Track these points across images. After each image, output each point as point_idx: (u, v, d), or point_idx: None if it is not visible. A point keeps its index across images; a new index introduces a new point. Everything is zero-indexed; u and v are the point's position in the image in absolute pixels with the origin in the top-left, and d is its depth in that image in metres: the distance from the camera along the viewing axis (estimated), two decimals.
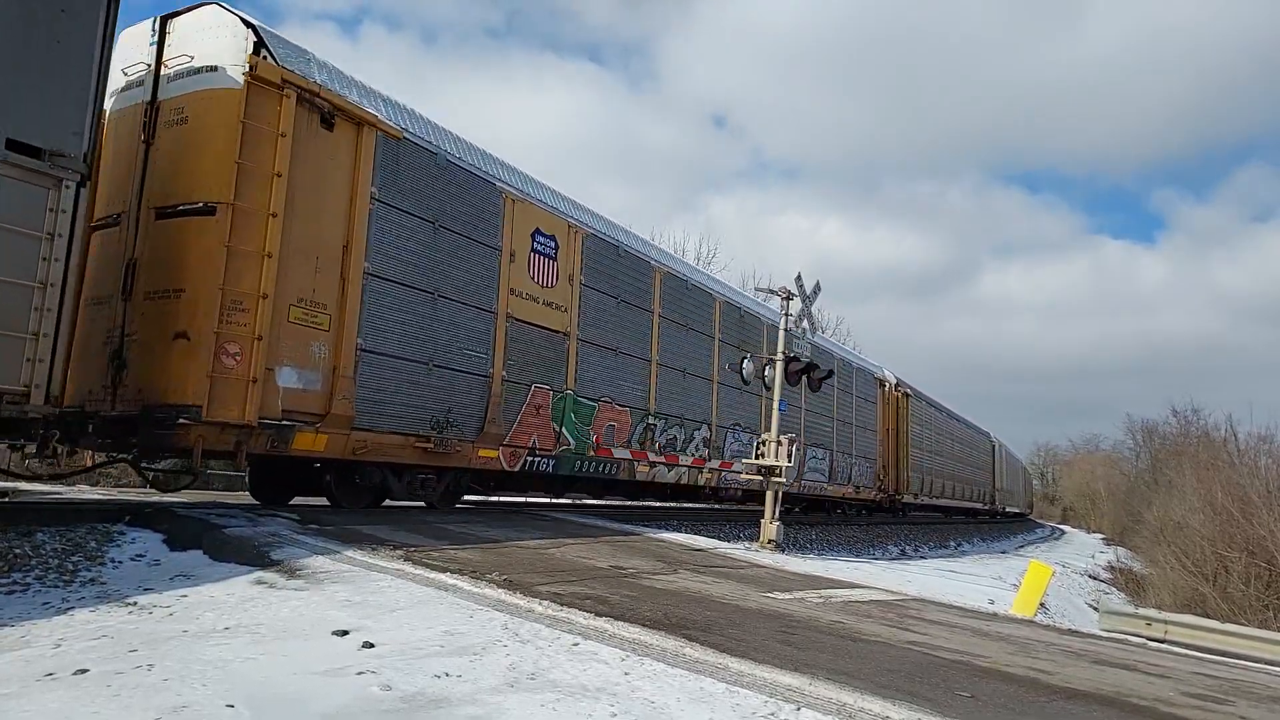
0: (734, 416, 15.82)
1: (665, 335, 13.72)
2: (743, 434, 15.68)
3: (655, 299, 13.47)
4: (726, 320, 15.79)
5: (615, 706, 3.44)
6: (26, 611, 4.53)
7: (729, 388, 15.59)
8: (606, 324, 12.33)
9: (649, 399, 13.26)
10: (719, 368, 15.22)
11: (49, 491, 8.98)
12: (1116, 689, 4.82)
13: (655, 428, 13.42)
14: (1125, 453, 70.57)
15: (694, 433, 14.56)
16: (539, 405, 10.89)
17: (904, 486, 24.91)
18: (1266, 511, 20.30)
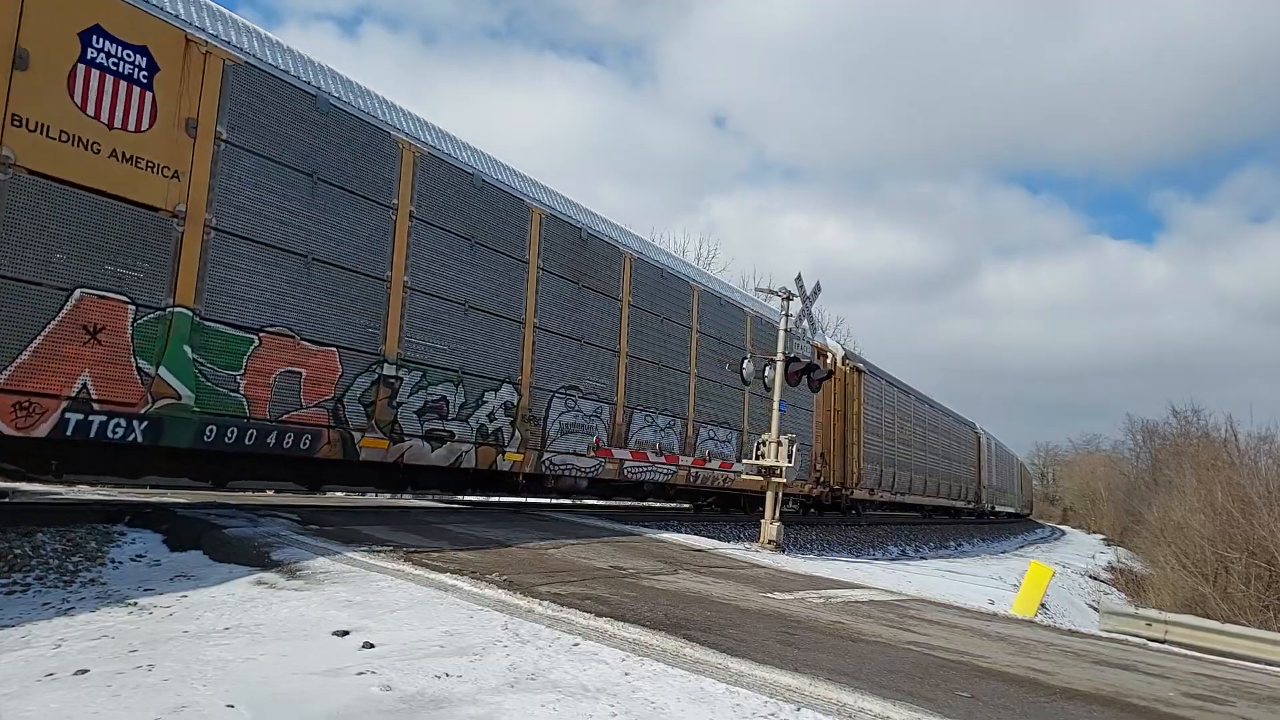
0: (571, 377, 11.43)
1: None
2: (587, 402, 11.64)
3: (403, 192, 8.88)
4: None
5: (615, 707, 3.44)
6: (27, 612, 4.53)
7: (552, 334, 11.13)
8: (271, 209, 7.50)
9: (383, 337, 8.49)
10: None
11: (49, 492, 8.97)
12: (1116, 689, 4.82)
13: (400, 382, 8.64)
14: (1125, 453, 70.63)
15: (484, 394, 9.78)
16: (97, 326, 6.28)
17: (853, 480, 20.96)
18: (1267, 512, 20.31)
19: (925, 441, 28.50)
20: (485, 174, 9.96)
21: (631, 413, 12.55)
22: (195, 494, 9.63)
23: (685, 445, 13.83)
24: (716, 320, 15.05)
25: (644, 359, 12.91)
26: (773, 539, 11.54)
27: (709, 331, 14.72)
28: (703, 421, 14.53)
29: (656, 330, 13.26)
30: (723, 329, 15.25)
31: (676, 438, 13.65)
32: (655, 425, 13.13)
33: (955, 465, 32.97)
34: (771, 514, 11.81)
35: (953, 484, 32.13)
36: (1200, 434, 41.51)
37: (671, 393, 13.65)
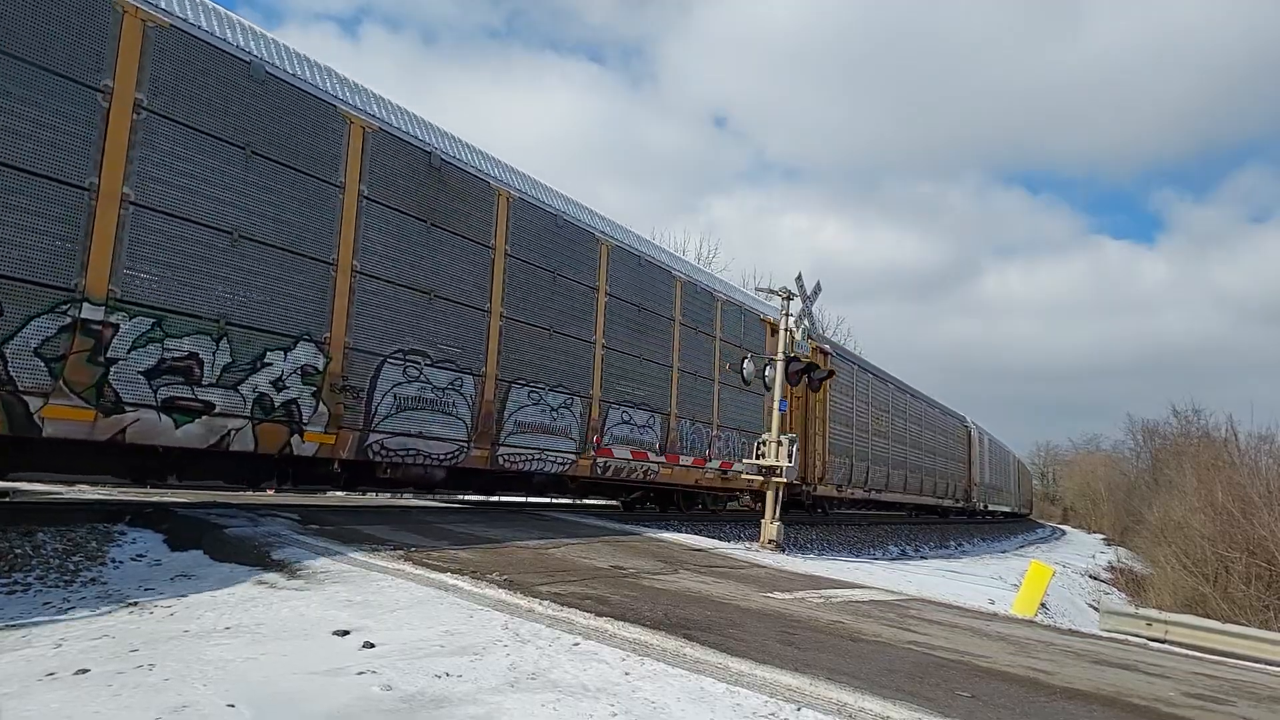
0: None
1: None
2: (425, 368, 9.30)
3: None
4: None
5: (616, 706, 3.45)
6: (27, 611, 4.53)
7: None
8: None
9: (82, 267, 6.30)
10: None
11: (49, 491, 8.98)
12: (1117, 689, 4.83)
13: (114, 330, 6.50)
14: (1126, 453, 70.70)
15: (267, 354, 7.60)
16: None
17: (816, 475, 18.85)
18: (1267, 512, 20.31)
19: (907, 435, 26.43)
20: (272, 64, 7.76)
21: (509, 388, 10.19)
22: (196, 494, 9.64)
23: (589, 429, 11.61)
24: (640, 286, 12.86)
25: (530, 324, 10.61)
26: (773, 539, 11.55)
27: (626, 297, 12.49)
28: (613, 402, 12.17)
29: (548, 289, 10.94)
30: (649, 296, 13.02)
31: (576, 420, 11.36)
32: (545, 404, 10.83)
33: (942, 461, 30.87)
34: (771, 514, 11.82)
35: (939, 481, 30.04)
36: (1201, 434, 41.55)
37: (569, 367, 11.32)
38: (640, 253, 13.16)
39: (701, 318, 14.72)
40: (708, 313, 14.93)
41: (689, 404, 14.20)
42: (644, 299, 13.02)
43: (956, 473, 33.23)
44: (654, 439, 13.16)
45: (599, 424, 11.89)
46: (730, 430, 15.58)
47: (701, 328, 14.68)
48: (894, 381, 26.36)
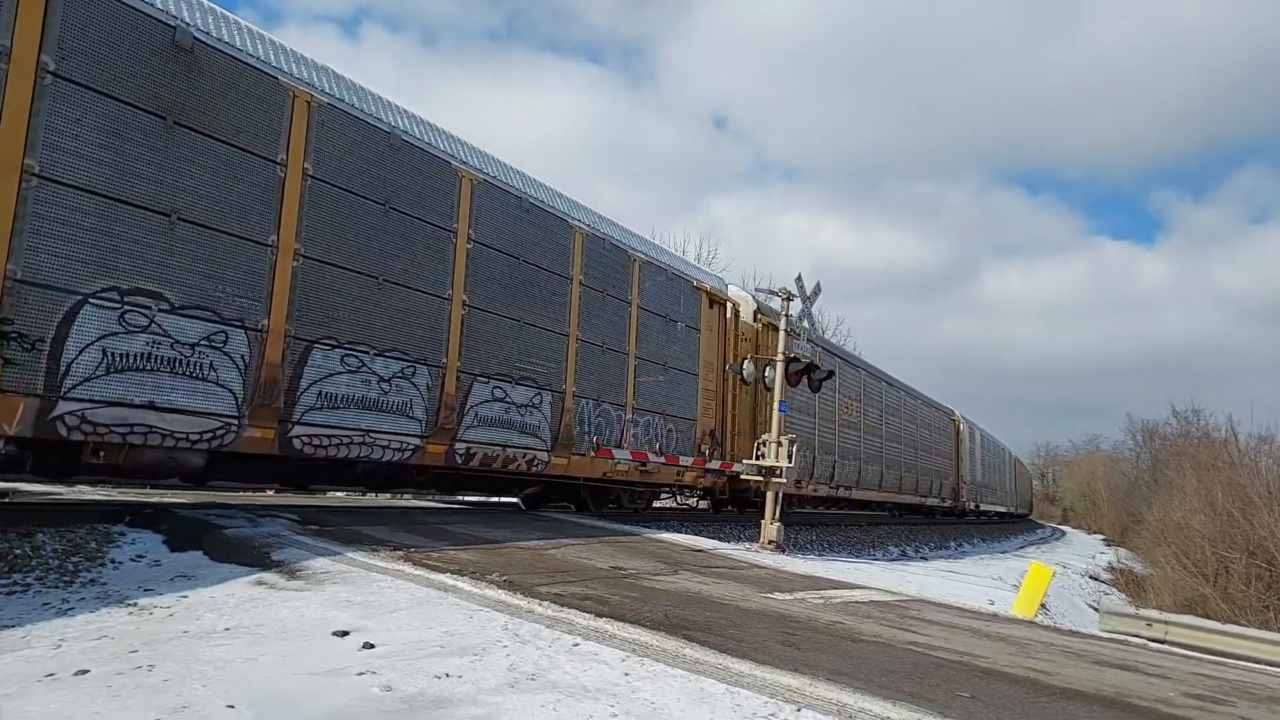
0: None
1: None
2: None
3: None
4: None
5: (615, 707, 3.44)
6: (27, 612, 4.53)
7: None
8: None
9: None
10: None
11: (49, 492, 8.98)
12: (1117, 690, 4.82)
13: None
14: (1126, 453, 70.72)
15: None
16: None
17: None
18: (1267, 512, 20.31)
19: (883, 427, 23.88)
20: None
21: (309, 349, 7.84)
22: (196, 494, 9.64)
23: (441, 407, 9.20)
24: (522, 235, 10.48)
25: (346, 268, 8.17)
26: (773, 539, 11.55)
27: (501, 247, 10.10)
28: (480, 374, 9.69)
29: (375, 228, 8.50)
30: (535, 248, 10.69)
31: (421, 394, 8.96)
32: (370, 373, 8.37)
33: (926, 456, 28.38)
34: (771, 514, 11.82)
35: (922, 478, 27.54)
36: (1200, 434, 41.58)
37: (411, 327, 8.86)
38: (524, 194, 10.60)
39: (612, 280, 12.31)
40: (621, 274, 12.53)
41: (593, 381, 11.78)
42: (528, 251, 10.57)
43: (943, 470, 30.74)
44: (541, 421, 10.75)
45: (457, 401, 9.43)
46: (652, 415, 13.11)
47: (613, 291, 12.25)
48: (867, 368, 23.86)
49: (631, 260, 12.91)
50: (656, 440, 13.35)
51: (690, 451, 14.11)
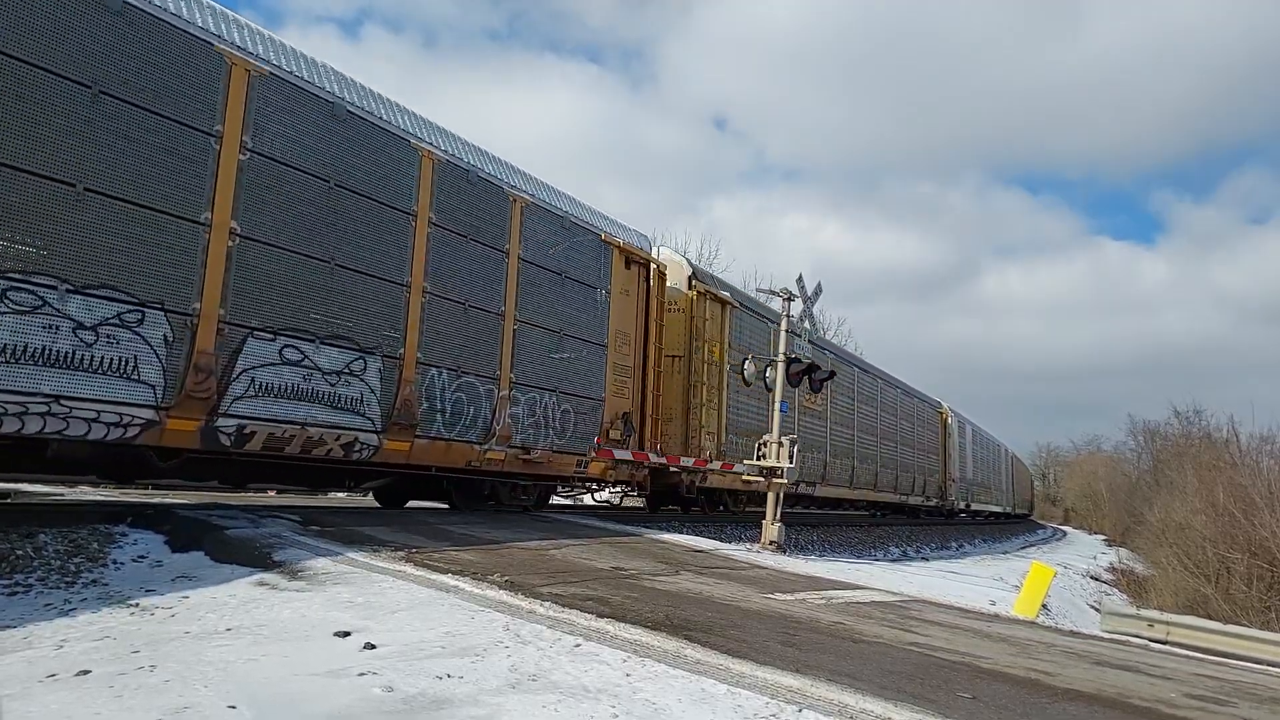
0: None
1: None
2: None
3: None
4: None
5: (617, 708, 3.44)
6: (28, 613, 4.54)
7: None
8: None
9: None
10: None
11: (51, 493, 8.99)
12: (1118, 690, 4.82)
13: None
14: (1127, 453, 70.68)
15: None
16: None
17: (707, 460, 14.02)
18: (1269, 512, 20.30)
19: (855, 417, 21.68)
20: None
21: None
22: (197, 495, 9.65)
23: (189, 367, 7.00)
24: (336, 151, 8.23)
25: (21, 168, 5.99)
26: (774, 540, 11.55)
27: (296, 162, 7.87)
28: (255, 328, 7.48)
29: (80, 118, 6.33)
30: (357, 171, 8.43)
31: (153, 353, 6.81)
32: (60, 318, 6.17)
33: (907, 451, 26.15)
34: (772, 515, 11.82)
35: (902, 475, 25.31)
36: (1202, 434, 41.56)
37: (135, 259, 6.63)
38: (337, 99, 8.35)
39: (481, 222, 9.98)
40: (495, 216, 10.17)
41: (449, 347, 9.40)
42: (345, 173, 8.31)
43: (927, 466, 28.47)
44: (365, 394, 8.48)
45: (218, 362, 7.22)
46: (539, 392, 10.79)
47: (479, 236, 9.90)
48: (837, 352, 21.10)
49: (511, 201, 10.37)
50: (546, 423, 10.97)
51: (595, 437, 11.72)
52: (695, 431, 14.22)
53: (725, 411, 15.03)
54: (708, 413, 14.57)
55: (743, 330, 15.98)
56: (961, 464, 32.81)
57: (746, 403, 15.95)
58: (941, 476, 30.27)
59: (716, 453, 14.49)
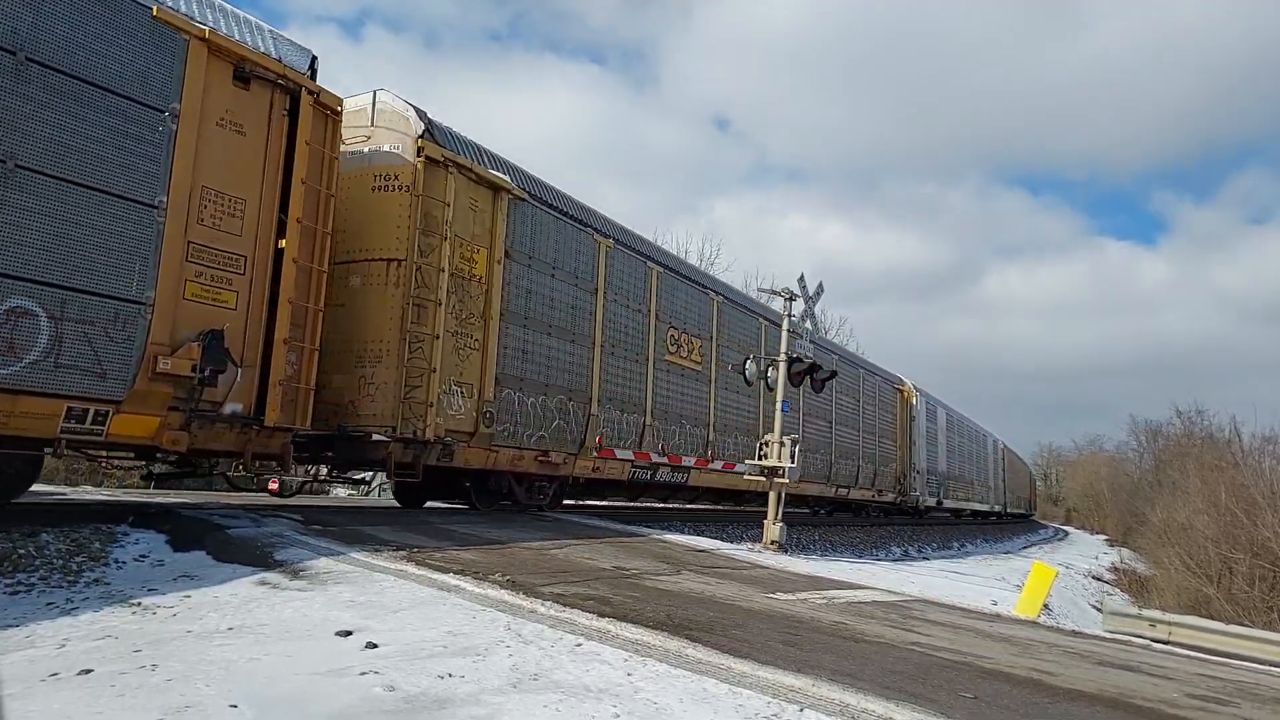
0: None
1: None
2: None
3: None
4: None
5: (618, 707, 3.44)
6: (31, 612, 4.54)
7: None
8: None
9: None
10: None
11: (53, 492, 9.00)
12: (1120, 690, 4.82)
13: None
14: (1129, 453, 70.51)
15: None
16: None
17: (477, 421, 9.97)
18: (1271, 513, 20.27)
19: None
20: None
21: None
22: (199, 495, 9.65)
23: None
24: None
25: None
26: (775, 539, 11.55)
27: None
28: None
29: None
30: None
31: None
32: None
33: (847, 434, 21.36)
34: (774, 515, 11.82)
35: (839, 462, 20.72)
36: (1204, 434, 41.51)
37: None
38: None
39: None
40: None
41: None
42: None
43: (880, 453, 23.83)
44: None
45: None
46: None
47: None
48: (727, 293, 16.48)
49: None
50: None
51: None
52: (420, 379, 9.16)
53: (498, 355, 10.27)
54: (455, 354, 9.62)
55: (562, 245, 11.58)
56: (930, 453, 28.02)
57: (568, 350, 11.74)
58: (900, 466, 25.43)
59: (477, 416, 9.86)
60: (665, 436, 13.75)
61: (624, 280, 13.02)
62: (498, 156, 10.87)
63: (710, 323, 15.41)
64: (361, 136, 9.50)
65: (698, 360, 14.92)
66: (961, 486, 32.64)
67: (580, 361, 11.90)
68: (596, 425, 12.09)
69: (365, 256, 9.36)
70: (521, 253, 10.89)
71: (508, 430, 10.47)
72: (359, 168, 9.41)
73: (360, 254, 9.35)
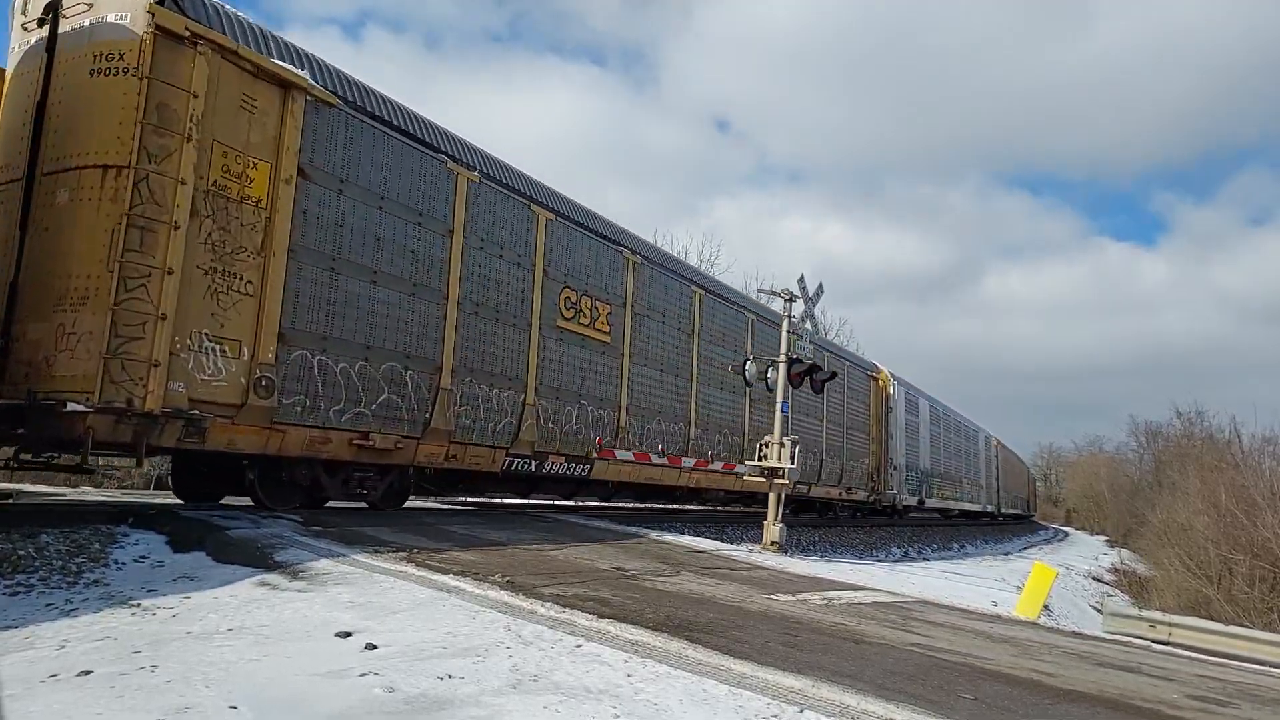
0: None
1: None
2: None
3: None
4: None
5: (618, 708, 3.44)
6: (30, 613, 4.54)
7: None
8: None
9: None
10: None
11: (53, 493, 8.99)
12: (1120, 691, 4.81)
13: None
14: (1129, 454, 70.51)
15: None
16: None
17: (269, 384, 7.48)
18: (1271, 513, 20.26)
19: (696, 365, 14.69)
20: None
21: None
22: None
23: None
24: None
25: None
26: (775, 540, 11.55)
27: None
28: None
29: None
30: None
31: None
32: None
33: (809, 423, 18.79)
34: (774, 516, 11.82)
35: (802, 458, 15.17)
36: (1204, 435, 41.47)
37: None
38: None
39: None
40: None
41: None
42: None
43: (850, 447, 21.37)
44: None
45: None
46: None
47: None
48: (644, 250, 13.86)
49: None
50: None
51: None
52: (140, 329, 6.84)
53: (285, 303, 8.03)
54: (210, 300, 7.39)
55: (395, 170, 9.22)
56: (910, 448, 25.47)
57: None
58: (874, 462, 22.98)
59: (248, 383, 7.60)
60: (557, 419, 11.36)
61: (496, 224, 10.57)
62: (297, 49, 8.43)
63: (624, 287, 12.90)
64: (84, 5, 7.29)
65: (604, 329, 12.43)
66: (948, 485, 30.07)
67: (425, 320, 9.49)
68: (449, 402, 9.71)
69: (76, 164, 6.96)
70: (327, 173, 8.42)
71: (301, 404, 7.99)
72: (78, 48, 7.17)
73: (71, 160, 6.99)
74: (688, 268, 16.23)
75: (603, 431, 12.26)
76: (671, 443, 13.87)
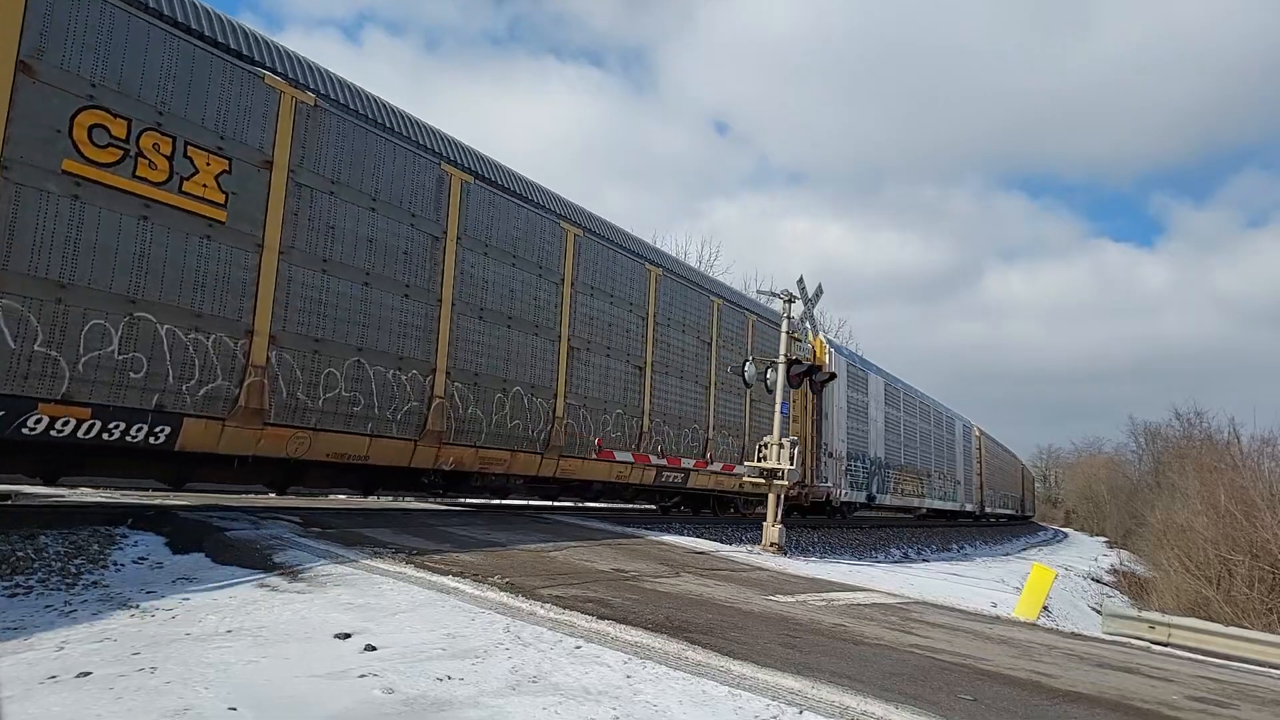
0: None
1: None
2: None
3: None
4: None
5: (617, 710, 3.44)
6: (29, 614, 4.54)
7: None
8: None
9: None
10: None
11: (52, 494, 8.99)
12: (1119, 692, 4.81)
13: None
14: (1128, 455, 70.59)
15: None
16: None
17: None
18: (1270, 514, 20.27)
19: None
20: None
21: None
22: (198, 497, 9.64)
23: None
24: None
25: None
26: (775, 541, 11.54)
27: None
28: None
29: None
30: None
31: None
32: None
33: (691, 393, 14.52)
34: (773, 517, 11.82)
35: (673, 434, 13.93)
36: (1203, 436, 41.41)
37: None
38: None
39: None
40: None
41: None
42: None
43: (758, 427, 16.55)
44: None
45: None
46: None
47: None
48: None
49: None
50: None
51: None
52: None
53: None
54: None
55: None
56: (855, 433, 21.14)
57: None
58: (802, 447, 17.79)
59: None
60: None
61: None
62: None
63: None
64: None
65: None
66: (910, 479, 25.42)
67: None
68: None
69: None
70: None
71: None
72: None
73: None
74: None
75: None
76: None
